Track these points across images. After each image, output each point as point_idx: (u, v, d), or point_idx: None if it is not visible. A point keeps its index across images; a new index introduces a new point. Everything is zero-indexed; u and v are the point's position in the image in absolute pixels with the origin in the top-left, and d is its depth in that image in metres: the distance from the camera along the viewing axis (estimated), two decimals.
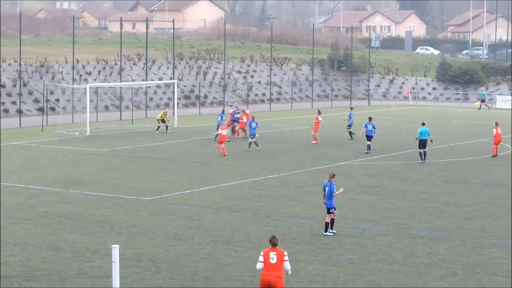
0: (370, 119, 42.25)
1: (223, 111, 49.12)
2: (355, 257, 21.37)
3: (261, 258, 16.42)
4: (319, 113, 46.39)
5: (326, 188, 23.85)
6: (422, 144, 38.81)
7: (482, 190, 31.63)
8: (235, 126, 47.81)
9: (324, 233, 23.78)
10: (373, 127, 41.70)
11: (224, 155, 39.48)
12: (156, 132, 49.56)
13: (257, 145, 42.07)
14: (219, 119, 46.66)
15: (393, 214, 26.82)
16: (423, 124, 39.59)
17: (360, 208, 27.76)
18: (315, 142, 45.02)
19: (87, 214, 26.02)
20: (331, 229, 23.89)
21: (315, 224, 25.17)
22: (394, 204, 28.51)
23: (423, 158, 38.79)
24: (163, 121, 50.18)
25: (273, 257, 16.34)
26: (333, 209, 23.77)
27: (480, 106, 76.23)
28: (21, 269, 19.79)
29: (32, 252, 21.29)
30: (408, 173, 35.66)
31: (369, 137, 41.58)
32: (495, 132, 41.15)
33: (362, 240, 23.25)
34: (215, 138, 43.06)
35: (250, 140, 42.37)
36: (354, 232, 24.22)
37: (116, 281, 14.32)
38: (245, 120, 46.19)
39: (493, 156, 40.98)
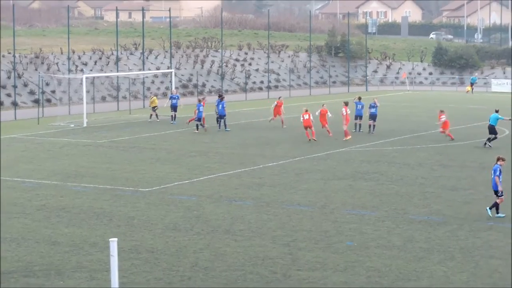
0: (359, 98, 44.86)
1: (220, 97, 48.04)
2: (354, 244, 21.31)
3: None
4: (346, 104, 42.48)
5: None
6: (489, 129, 39.33)
7: (478, 174, 31.58)
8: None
9: (496, 215, 24.00)
10: (362, 106, 44.31)
11: (314, 140, 40.50)
12: (158, 120, 49.66)
13: (203, 126, 44.83)
14: (220, 107, 45.82)
15: (392, 200, 26.76)
16: (497, 111, 39.78)
17: (358, 194, 27.69)
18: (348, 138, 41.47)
19: (85, 206, 25.91)
20: (497, 213, 23.98)
21: (314, 211, 25.10)
22: (392, 190, 28.45)
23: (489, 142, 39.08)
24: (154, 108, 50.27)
25: None
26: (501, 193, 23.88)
27: (472, 90, 76.43)
28: (19, 264, 19.67)
29: (29, 247, 21.16)
30: (406, 158, 35.59)
31: (360, 117, 44.29)
32: None
33: (361, 226, 23.18)
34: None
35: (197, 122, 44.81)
36: (353, 218, 24.16)
37: (114, 275, 14.20)
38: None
39: None
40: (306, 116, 41.31)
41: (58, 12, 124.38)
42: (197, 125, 44.79)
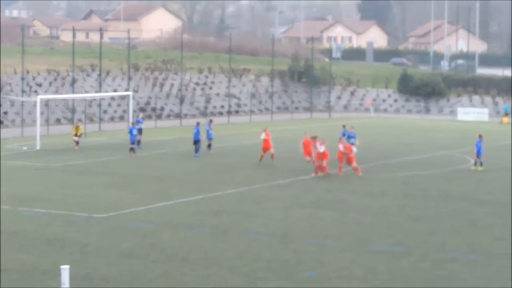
0: (344, 126, 43.89)
1: (198, 123, 46.82)
2: (315, 274, 21.37)
3: None
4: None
5: None
6: None
7: (443, 204, 31.88)
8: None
9: None
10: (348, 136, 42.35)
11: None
12: (76, 147, 47.80)
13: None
14: (194, 131, 45.51)
15: (354, 229, 26.90)
16: None
17: (320, 223, 27.79)
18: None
19: (36, 232, 25.71)
20: None
21: (274, 240, 25.14)
22: (355, 219, 28.60)
23: None
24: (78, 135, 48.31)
25: None
26: None
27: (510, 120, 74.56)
28: None
29: None
30: (369, 187, 35.82)
31: None
32: None
33: (322, 256, 23.26)
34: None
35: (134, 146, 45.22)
36: (314, 248, 24.23)
37: None
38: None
39: None
40: (341, 147, 38.34)
41: (13, 31, 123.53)
42: (132, 149, 45.14)
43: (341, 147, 38.58)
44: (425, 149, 51.29)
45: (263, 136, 42.86)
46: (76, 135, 48.24)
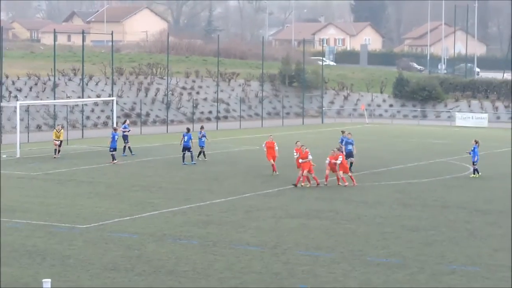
0: (343, 132, 43.91)
1: (188, 130, 46.69)
2: (307, 287, 21.43)
3: None
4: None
5: None
6: None
7: (441, 213, 31.99)
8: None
9: None
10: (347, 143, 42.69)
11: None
12: (55, 156, 47.40)
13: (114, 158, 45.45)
14: (185, 139, 45.13)
15: (348, 240, 26.97)
16: None
17: (312, 234, 27.86)
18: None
19: (16, 244, 25.69)
20: None
21: (265, 251, 25.20)
22: (348, 229, 28.68)
23: None
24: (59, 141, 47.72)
25: None
26: None
27: None
28: None
29: None
30: (364, 196, 35.92)
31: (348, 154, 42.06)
32: None
33: (315, 268, 23.32)
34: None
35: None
36: (307, 260, 24.29)
37: None
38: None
39: None
40: (327, 161, 37.97)
41: None
42: (112, 155, 45.36)
43: (327, 161, 38.38)
44: (422, 156, 51.43)
45: (263, 145, 42.56)
46: (56, 139, 48.10)
